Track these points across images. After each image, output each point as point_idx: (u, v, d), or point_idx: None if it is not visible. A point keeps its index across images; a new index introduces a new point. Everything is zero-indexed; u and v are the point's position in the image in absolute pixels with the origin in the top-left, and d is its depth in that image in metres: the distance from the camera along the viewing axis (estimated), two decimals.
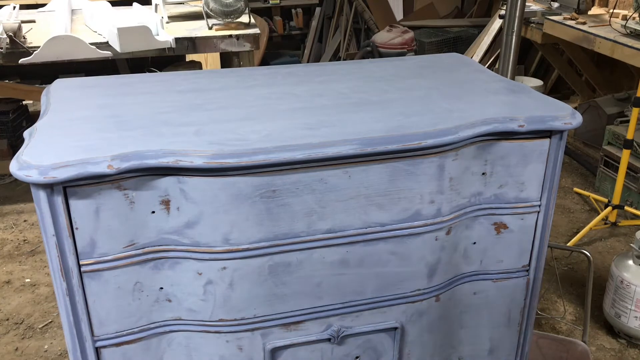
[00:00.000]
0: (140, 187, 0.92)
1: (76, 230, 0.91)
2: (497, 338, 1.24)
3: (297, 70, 1.34)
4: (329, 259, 1.03)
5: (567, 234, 2.97)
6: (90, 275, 0.95)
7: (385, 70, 1.34)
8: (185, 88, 1.21)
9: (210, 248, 0.97)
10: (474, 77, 1.28)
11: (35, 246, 2.90)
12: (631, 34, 2.97)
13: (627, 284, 2.15)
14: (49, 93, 1.18)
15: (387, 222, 1.03)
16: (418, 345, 1.17)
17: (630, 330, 2.22)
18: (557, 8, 3.61)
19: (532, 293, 1.21)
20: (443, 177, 1.03)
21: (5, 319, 2.41)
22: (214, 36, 2.78)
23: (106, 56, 2.61)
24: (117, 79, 1.30)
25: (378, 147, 0.96)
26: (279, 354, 1.09)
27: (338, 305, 1.08)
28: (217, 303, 1.01)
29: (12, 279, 2.66)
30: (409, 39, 4.52)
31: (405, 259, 1.07)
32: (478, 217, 1.11)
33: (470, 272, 1.16)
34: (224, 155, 0.91)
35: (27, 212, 3.22)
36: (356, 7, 5.13)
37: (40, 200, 0.88)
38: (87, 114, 1.07)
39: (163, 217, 0.95)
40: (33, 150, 0.92)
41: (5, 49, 2.55)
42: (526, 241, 1.16)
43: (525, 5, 2.70)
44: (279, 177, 0.95)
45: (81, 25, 2.96)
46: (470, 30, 4.63)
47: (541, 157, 1.08)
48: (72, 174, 0.86)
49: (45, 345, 2.28)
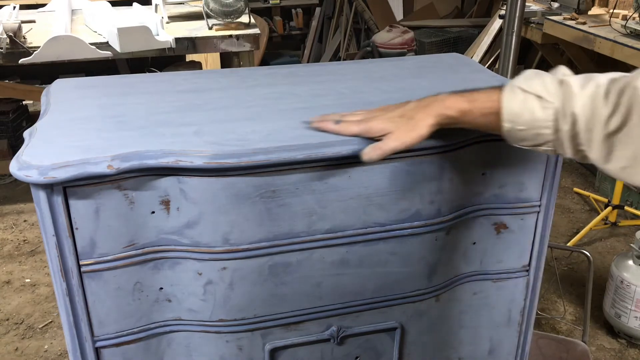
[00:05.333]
0: (140, 187, 0.92)
1: (76, 230, 0.91)
2: (497, 338, 1.24)
3: (297, 70, 1.34)
4: (328, 259, 1.03)
5: (567, 234, 2.97)
6: (90, 276, 0.95)
7: (385, 70, 1.34)
8: (185, 88, 1.20)
9: (210, 248, 0.97)
10: (474, 77, 1.28)
11: (35, 246, 2.90)
12: (631, 34, 2.97)
13: (627, 284, 2.15)
14: (49, 93, 1.18)
15: (387, 222, 1.03)
16: (418, 345, 1.17)
17: (630, 330, 2.22)
18: (557, 8, 3.61)
19: (532, 293, 1.21)
20: (443, 177, 1.03)
21: (5, 319, 2.41)
22: (214, 36, 2.78)
23: (106, 56, 2.61)
24: (117, 79, 1.30)
25: None
26: (279, 354, 1.09)
27: (338, 306, 1.08)
28: (217, 303, 1.01)
29: (12, 279, 2.66)
30: (409, 39, 4.52)
31: (405, 259, 1.07)
32: (478, 217, 1.11)
33: (470, 272, 1.16)
34: (223, 155, 0.91)
35: (27, 212, 3.22)
36: (356, 7, 5.13)
37: (40, 200, 0.88)
38: (87, 114, 1.07)
39: (163, 217, 0.95)
40: (33, 150, 0.91)
41: (5, 49, 2.55)
42: (526, 241, 1.16)
43: (525, 5, 2.70)
44: (279, 177, 0.95)
45: (81, 25, 2.96)
46: (470, 30, 4.63)
47: (541, 157, 1.08)
48: (72, 174, 0.86)
49: (45, 345, 2.28)
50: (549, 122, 0.88)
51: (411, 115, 0.93)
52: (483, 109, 0.91)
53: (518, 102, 0.89)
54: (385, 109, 0.98)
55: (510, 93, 0.90)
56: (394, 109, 0.96)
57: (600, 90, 0.86)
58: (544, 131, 0.89)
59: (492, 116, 0.91)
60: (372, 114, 0.98)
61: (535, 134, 0.90)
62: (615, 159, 0.87)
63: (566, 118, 0.88)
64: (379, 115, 0.96)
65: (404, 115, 0.93)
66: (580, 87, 0.87)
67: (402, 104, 0.97)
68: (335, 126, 0.97)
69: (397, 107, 0.96)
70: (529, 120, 0.89)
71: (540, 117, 0.88)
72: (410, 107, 0.94)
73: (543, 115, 0.88)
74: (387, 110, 0.97)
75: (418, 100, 0.95)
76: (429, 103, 0.94)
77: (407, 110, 0.94)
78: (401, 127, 0.92)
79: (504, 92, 0.90)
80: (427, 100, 0.95)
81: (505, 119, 0.90)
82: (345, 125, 0.97)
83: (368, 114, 0.98)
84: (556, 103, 0.88)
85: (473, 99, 0.92)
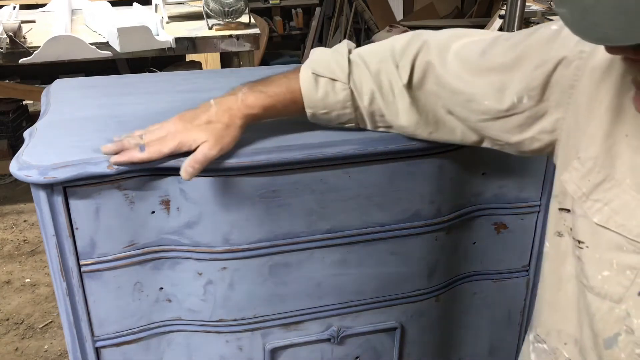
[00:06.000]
0: (140, 187, 0.92)
1: (76, 230, 0.91)
2: (497, 338, 1.24)
3: None
4: (328, 259, 1.03)
5: None
6: (90, 275, 0.95)
7: None
8: (185, 88, 1.20)
9: (210, 248, 0.97)
10: None
11: (35, 246, 2.90)
12: None
13: None
14: (49, 93, 1.18)
15: (387, 222, 1.03)
16: (418, 345, 1.17)
17: None
18: None
19: (532, 293, 1.21)
20: (443, 177, 1.03)
21: (5, 319, 2.41)
22: (214, 36, 2.78)
23: (106, 56, 2.60)
24: (117, 79, 1.30)
25: (378, 148, 0.96)
26: (279, 354, 1.09)
27: (338, 305, 1.08)
28: (217, 303, 1.01)
29: (12, 279, 2.66)
30: None
31: (405, 259, 1.07)
32: (478, 217, 1.11)
33: (470, 272, 1.16)
34: (223, 155, 0.91)
35: (27, 212, 3.22)
36: (356, 7, 5.13)
37: (40, 200, 0.88)
38: (87, 114, 1.07)
39: (163, 217, 0.95)
40: (33, 150, 0.92)
41: (5, 49, 2.55)
42: (526, 241, 1.16)
43: (525, 5, 2.70)
44: (279, 177, 0.95)
45: (81, 25, 2.96)
46: None
47: (541, 157, 1.08)
48: (72, 174, 0.86)
49: (45, 345, 2.28)
50: (348, 102, 0.93)
51: (218, 120, 0.89)
52: (285, 101, 0.93)
53: (314, 88, 0.92)
54: (182, 118, 0.91)
55: (307, 81, 0.92)
56: (195, 116, 0.91)
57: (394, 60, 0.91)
58: (345, 111, 0.94)
59: (294, 105, 0.94)
60: (173, 126, 0.91)
61: (338, 115, 0.95)
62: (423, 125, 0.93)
63: (362, 96, 0.92)
64: (183, 128, 0.90)
65: (211, 122, 0.89)
66: (373, 62, 0.92)
67: (200, 109, 0.92)
68: (144, 155, 0.88)
69: (197, 115, 0.91)
70: (328, 104, 0.93)
71: (338, 99, 0.93)
72: (214, 112, 0.90)
73: (340, 97, 0.93)
74: (184, 117, 0.91)
75: (218, 102, 0.92)
76: (230, 105, 0.91)
77: (212, 116, 0.90)
78: (213, 134, 0.88)
79: (301, 81, 0.93)
80: (227, 101, 0.92)
81: (307, 105, 0.94)
82: (154, 149, 0.88)
83: (167, 127, 0.91)
84: (350, 83, 0.92)
85: (274, 92, 0.93)
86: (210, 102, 0.92)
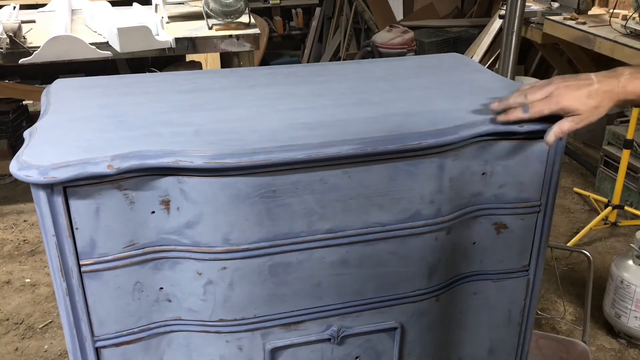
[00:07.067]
0: (140, 187, 0.92)
1: (76, 230, 0.91)
2: (497, 338, 1.24)
3: (297, 70, 1.34)
4: (329, 259, 1.03)
5: (567, 234, 2.97)
6: (90, 275, 0.95)
7: (385, 70, 1.34)
8: (185, 88, 1.21)
9: (210, 248, 0.97)
10: (474, 77, 1.28)
11: (35, 246, 2.90)
12: (631, 34, 2.97)
13: (627, 284, 2.15)
14: (49, 93, 1.18)
15: (387, 222, 1.03)
16: (418, 345, 1.17)
17: (630, 330, 2.22)
18: (557, 8, 3.61)
19: (532, 293, 1.21)
20: (443, 177, 1.03)
21: (5, 319, 2.41)
22: (214, 36, 2.78)
23: (106, 56, 2.61)
24: (117, 79, 1.30)
25: (378, 147, 0.96)
26: (279, 354, 1.09)
27: (338, 305, 1.08)
28: (217, 303, 1.01)
29: (12, 279, 2.66)
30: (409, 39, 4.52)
31: (405, 259, 1.07)
32: (478, 217, 1.11)
33: (470, 272, 1.16)
34: (223, 155, 0.91)
35: (27, 212, 3.22)
36: (356, 7, 5.13)
37: (40, 200, 0.88)
38: (87, 114, 1.07)
39: (163, 217, 0.95)
40: (33, 150, 0.91)
41: (5, 49, 2.55)
42: (526, 241, 1.16)
43: (525, 5, 2.70)
44: (279, 177, 0.95)
45: (81, 25, 2.96)
46: (470, 30, 4.63)
47: (541, 157, 1.08)
48: (72, 174, 0.86)
49: (45, 345, 2.28)
50: None
51: (596, 98, 0.95)
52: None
53: None
54: (566, 82, 0.97)
55: None
56: (578, 87, 0.96)
57: None
58: None
59: None
60: (556, 89, 0.97)
61: None
62: None
63: None
64: (566, 94, 0.96)
65: (591, 97, 0.95)
66: None
67: (582, 80, 0.97)
68: (526, 114, 0.98)
69: (580, 86, 0.96)
70: None
71: None
72: (595, 90, 0.95)
73: None
74: (568, 84, 0.97)
75: (600, 81, 0.96)
76: (612, 88, 0.95)
77: (592, 92, 0.95)
78: (587, 110, 0.95)
79: None
80: (609, 82, 0.96)
81: None
82: (537, 109, 0.97)
83: (549, 89, 0.98)
84: None
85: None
86: (592, 76, 0.97)
